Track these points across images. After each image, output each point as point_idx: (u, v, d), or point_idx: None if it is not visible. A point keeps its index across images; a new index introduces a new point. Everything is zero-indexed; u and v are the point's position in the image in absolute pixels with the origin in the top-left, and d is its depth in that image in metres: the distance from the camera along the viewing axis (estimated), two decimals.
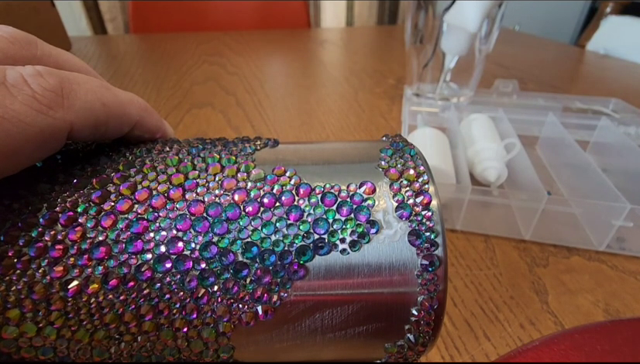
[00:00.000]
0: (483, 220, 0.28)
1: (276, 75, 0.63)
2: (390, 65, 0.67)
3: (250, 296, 0.11)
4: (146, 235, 0.11)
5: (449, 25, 0.39)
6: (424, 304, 0.12)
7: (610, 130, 0.34)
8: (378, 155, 0.14)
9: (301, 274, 0.11)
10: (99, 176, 0.12)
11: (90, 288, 0.10)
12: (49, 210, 0.11)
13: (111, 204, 0.11)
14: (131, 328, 0.11)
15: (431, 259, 0.12)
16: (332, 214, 0.12)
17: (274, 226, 0.12)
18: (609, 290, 0.23)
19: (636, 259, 0.25)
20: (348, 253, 0.12)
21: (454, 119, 0.35)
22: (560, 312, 0.21)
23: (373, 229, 0.12)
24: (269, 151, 0.14)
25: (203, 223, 0.11)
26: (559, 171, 0.33)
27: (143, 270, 0.11)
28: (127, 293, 0.11)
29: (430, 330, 0.12)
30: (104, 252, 0.11)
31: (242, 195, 0.12)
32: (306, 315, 0.12)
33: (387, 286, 0.12)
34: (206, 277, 0.11)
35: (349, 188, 0.12)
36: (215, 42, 0.80)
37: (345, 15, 1.43)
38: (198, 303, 0.11)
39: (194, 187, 0.12)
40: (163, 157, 0.13)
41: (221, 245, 0.11)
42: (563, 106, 0.43)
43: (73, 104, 0.11)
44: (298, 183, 0.12)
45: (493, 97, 0.46)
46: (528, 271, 0.24)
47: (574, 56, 0.78)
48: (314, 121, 0.46)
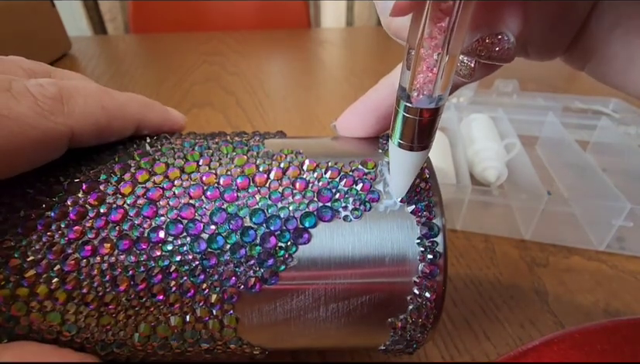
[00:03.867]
0: (483, 220, 0.28)
1: (277, 75, 0.63)
2: (390, 65, 0.67)
3: (256, 259, 0.12)
4: (161, 201, 0.12)
5: None
6: (425, 272, 0.12)
7: (610, 130, 0.34)
8: (378, 141, 0.15)
9: (305, 238, 0.12)
10: (121, 152, 0.13)
11: (104, 249, 0.11)
12: (74, 178, 0.12)
13: (130, 174, 0.12)
14: (140, 291, 0.11)
15: (429, 226, 0.12)
16: (335, 183, 0.13)
17: (281, 194, 0.12)
18: (609, 289, 0.23)
19: (636, 258, 0.25)
20: (350, 220, 0.12)
21: (454, 119, 0.35)
22: (560, 312, 0.21)
23: (373, 197, 0.12)
24: (277, 139, 0.15)
25: (214, 190, 0.12)
26: (559, 171, 0.33)
27: (156, 232, 0.11)
28: (138, 255, 0.11)
29: (433, 299, 0.12)
30: (121, 214, 0.11)
31: (251, 167, 0.13)
32: (309, 282, 0.12)
33: (388, 253, 0.12)
34: (215, 240, 0.11)
35: (352, 164, 0.13)
36: (215, 42, 0.80)
37: (346, 15, 1.43)
38: (206, 266, 0.11)
39: (207, 162, 0.13)
40: (180, 141, 0.14)
41: (230, 210, 0.12)
42: (563, 106, 0.43)
43: (73, 110, 0.12)
44: (304, 160, 0.13)
45: (493, 97, 0.46)
46: (528, 271, 0.24)
47: None
48: (314, 121, 0.46)
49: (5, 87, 0.11)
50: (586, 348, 0.11)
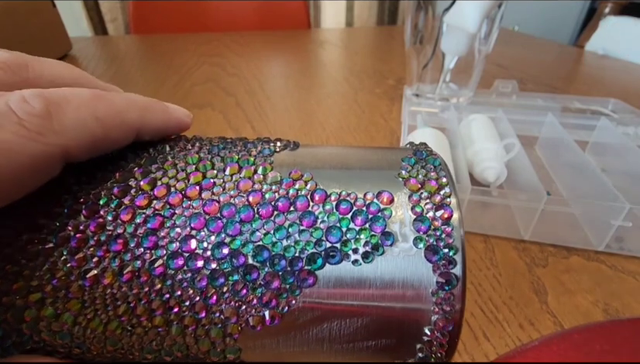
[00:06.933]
0: (483, 220, 0.28)
1: (277, 76, 0.63)
2: (389, 65, 0.67)
3: (258, 300, 0.11)
4: (161, 231, 0.11)
5: (449, 25, 0.39)
6: (437, 324, 0.11)
7: (609, 130, 0.34)
8: (399, 163, 0.13)
9: (310, 282, 0.11)
10: (122, 170, 0.12)
11: (106, 279, 0.11)
12: (74, 201, 0.11)
13: (130, 198, 0.11)
14: (142, 322, 0.11)
15: (447, 277, 0.11)
16: (346, 222, 0.12)
17: (286, 231, 0.11)
18: (608, 289, 0.23)
19: (635, 258, 0.25)
20: (360, 264, 0.11)
21: (454, 119, 0.35)
22: (559, 312, 0.22)
23: (387, 241, 0.11)
24: (287, 153, 0.14)
25: (216, 223, 0.11)
26: (559, 171, 0.33)
27: (156, 266, 0.11)
28: (140, 287, 0.11)
29: (443, 351, 0.12)
30: (121, 244, 0.11)
31: (256, 197, 0.12)
32: (313, 324, 0.11)
33: (400, 301, 0.11)
34: (216, 277, 0.11)
35: (366, 197, 0.12)
36: (215, 43, 0.80)
37: (345, 15, 1.43)
38: (207, 303, 0.11)
39: (210, 187, 0.12)
40: (184, 154, 0.13)
41: (232, 246, 0.11)
42: (562, 106, 0.43)
43: (64, 126, 0.10)
44: (314, 189, 0.12)
45: (493, 97, 0.46)
46: (528, 271, 0.24)
47: (573, 57, 0.78)
48: (314, 122, 0.46)
49: None
50: (585, 348, 0.11)
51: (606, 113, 0.42)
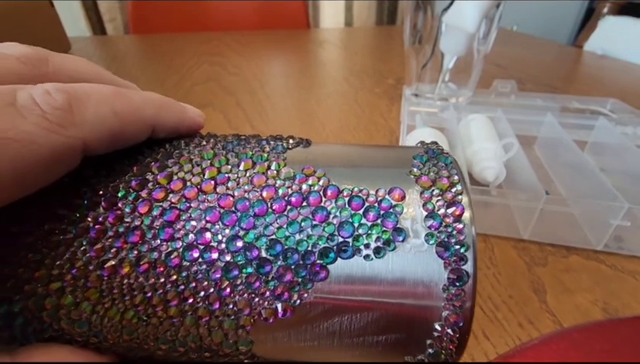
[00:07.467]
0: (482, 220, 0.28)
1: (277, 75, 0.63)
2: (389, 65, 0.67)
3: (271, 292, 0.11)
4: (177, 224, 0.11)
5: (448, 25, 0.39)
6: (448, 320, 0.11)
7: (607, 130, 0.34)
8: (410, 161, 0.13)
9: (322, 276, 0.11)
10: (139, 164, 0.13)
11: (123, 269, 0.11)
12: (93, 193, 0.12)
13: (148, 191, 0.12)
14: (158, 312, 0.11)
15: (459, 274, 0.11)
16: (358, 217, 0.12)
17: (299, 225, 0.12)
18: (607, 289, 0.23)
19: (634, 258, 0.25)
20: (371, 259, 0.11)
21: (453, 119, 0.36)
22: (559, 311, 0.22)
23: (399, 237, 0.11)
24: (300, 151, 0.14)
25: (231, 216, 0.12)
26: (557, 171, 0.33)
27: (172, 257, 0.11)
28: (156, 278, 0.11)
29: (453, 348, 0.12)
30: (139, 236, 0.11)
31: (270, 192, 0.12)
32: (324, 317, 0.12)
33: (410, 297, 0.11)
34: (230, 270, 0.11)
35: (378, 193, 0.12)
36: (215, 42, 0.80)
37: (344, 15, 1.43)
38: (221, 295, 0.11)
39: (225, 181, 0.12)
40: (199, 150, 0.13)
41: (246, 239, 0.11)
42: (561, 106, 0.43)
43: (85, 120, 0.11)
44: (326, 185, 0.12)
45: (492, 97, 0.46)
46: (527, 270, 0.24)
47: (572, 57, 0.78)
48: (314, 122, 0.46)
49: (9, 100, 0.10)
50: (585, 347, 0.11)
51: (604, 113, 0.42)
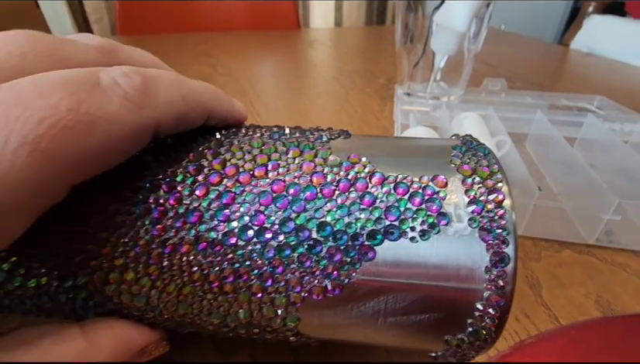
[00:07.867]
0: None
1: (267, 76, 0.63)
2: (380, 65, 0.67)
3: (321, 271, 0.12)
4: (233, 206, 0.12)
5: (439, 25, 0.39)
6: (490, 300, 0.12)
7: (596, 127, 0.35)
8: (450, 151, 0.14)
9: (370, 256, 0.12)
10: (195, 151, 0.13)
11: (183, 247, 0.12)
12: (154, 177, 0.12)
13: (204, 176, 0.12)
14: (214, 288, 0.12)
15: (501, 256, 0.12)
16: (403, 202, 0.12)
17: (348, 209, 0.12)
18: (599, 282, 0.23)
19: (624, 251, 0.26)
20: (417, 242, 0.12)
21: (445, 118, 0.36)
22: (554, 305, 0.22)
23: (443, 221, 0.12)
24: (342, 141, 0.15)
25: (283, 200, 0.12)
26: (548, 167, 0.34)
27: (229, 237, 0.12)
28: (213, 256, 0.12)
29: (493, 327, 0.12)
30: (197, 217, 0.12)
31: (319, 178, 0.13)
32: (371, 296, 0.12)
33: (454, 278, 0.12)
34: (283, 249, 0.12)
35: (422, 180, 0.13)
36: (205, 43, 0.79)
37: (334, 15, 1.44)
38: (274, 272, 0.12)
39: (276, 168, 0.13)
40: (248, 139, 0.14)
41: (298, 221, 0.12)
42: (549, 104, 0.44)
43: (158, 102, 0.11)
44: (372, 172, 0.13)
45: (483, 95, 0.47)
46: (522, 265, 0.25)
47: (558, 55, 0.79)
48: (306, 122, 0.46)
49: (95, 81, 0.10)
50: (582, 344, 0.11)
51: (592, 110, 0.43)
